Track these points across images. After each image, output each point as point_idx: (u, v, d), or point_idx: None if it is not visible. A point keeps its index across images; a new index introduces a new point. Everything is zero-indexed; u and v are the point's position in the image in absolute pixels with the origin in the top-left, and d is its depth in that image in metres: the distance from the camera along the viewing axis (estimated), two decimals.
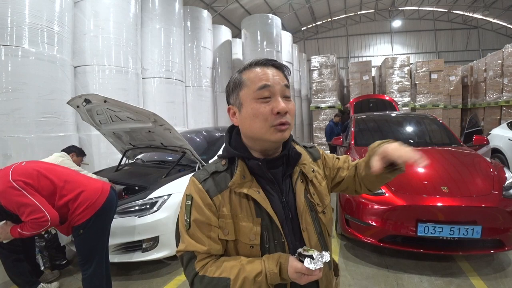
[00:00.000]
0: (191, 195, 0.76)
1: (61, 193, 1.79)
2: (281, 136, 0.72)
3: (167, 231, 2.49)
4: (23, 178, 1.67)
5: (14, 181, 1.63)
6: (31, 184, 1.69)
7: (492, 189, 2.39)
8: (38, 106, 3.61)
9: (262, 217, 0.73)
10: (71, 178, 1.89)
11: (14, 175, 1.67)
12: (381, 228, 2.38)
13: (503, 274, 2.34)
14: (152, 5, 5.97)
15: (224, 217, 0.74)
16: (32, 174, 1.73)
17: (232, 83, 0.78)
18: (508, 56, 7.30)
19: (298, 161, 0.81)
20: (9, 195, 1.62)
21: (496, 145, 4.79)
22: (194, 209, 0.74)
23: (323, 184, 0.86)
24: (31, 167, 1.78)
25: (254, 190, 0.74)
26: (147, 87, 5.82)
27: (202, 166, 2.97)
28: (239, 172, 0.74)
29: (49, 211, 1.66)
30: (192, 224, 0.74)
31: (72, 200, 1.81)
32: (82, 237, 1.84)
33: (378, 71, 11.40)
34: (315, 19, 17.80)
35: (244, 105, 0.74)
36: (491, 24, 17.15)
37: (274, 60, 0.77)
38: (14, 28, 3.45)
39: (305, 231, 0.77)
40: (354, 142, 3.68)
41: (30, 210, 1.61)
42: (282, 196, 0.77)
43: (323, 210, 0.83)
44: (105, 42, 4.58)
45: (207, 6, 11.42)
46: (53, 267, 2.63)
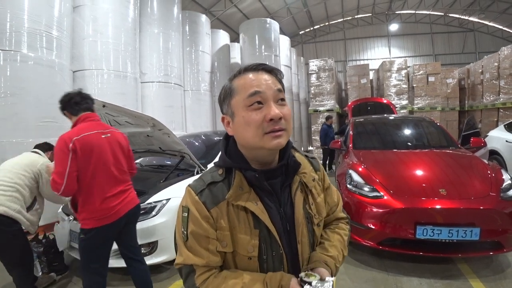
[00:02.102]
0: (187, 206, 0.73)
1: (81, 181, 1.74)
2: (277, 143, 0.68)
3: (166, 236, 2.48)
4: (79, 147, 1.69)
5: (71, 142, 1.67)
6: (78, 156, 1.69)
7: (490, 191, 2.40)
8: (37, 111, 3.61)
9: (260, 229, 0.72)
10: (100, 179, 1.78)
11: (75, 141, 1.69)
12: (380, 231, 2.38)
13: (502, 276, 2.34)
14: (151, 9, 6.01)
15: (222, 229, 0.72)
16: (87, 150, 1.73)
17: (223, 92, 0.75)
18: (504, 59, 7.36)
19: (298, 170, 0.78)
20: (57, 150, 1.70)
21: (493, 147, 4.81)
22: (191, 221, 0.72)
23: (321, 196, 0.84)
24: (94, 143, 1.76)
25: (252, 202, 0.71)
26: (145, 91, 5.84)
27: (201, 170, 2.97)
28: (236, 184, 0.72)
29: (68, 184, 1.65)
30: (190, 237, 0.72)
31: (82, 199, 1.76)
32: (81, 242, 1.80)
33: (375, 74, 11.47)
34: (313, 23, 17.93)
35: (236, 114, 0.71)
36: (487, 27, 17.34)
37: (265, 64, 0.74)
38: (13, 33, 3.46)
39: (300, 243, 0.75)
40: (352, 145, 3.69)
41: (58, 170, 1.66)
42: (281, 207, 0.75)
43: (319, 223, 0.81)
44: (104, 47, 4.60)
45: (205, 11, 11.49)
46: (51, 272, 2.62)
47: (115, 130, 1.98)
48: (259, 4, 13.37)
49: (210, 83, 8.05)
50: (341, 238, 0.84)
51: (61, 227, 2.51)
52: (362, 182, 2.68)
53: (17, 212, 2.05)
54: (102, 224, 1.75)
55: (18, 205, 2.07)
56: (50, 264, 2.60)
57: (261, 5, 13.51)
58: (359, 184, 2.68)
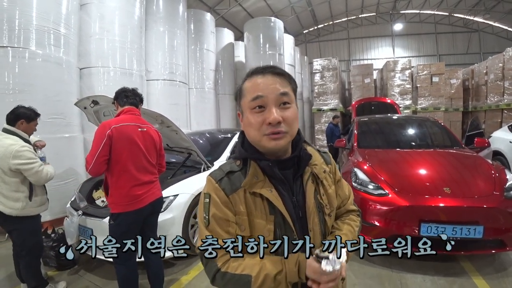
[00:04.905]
0: (209, 193, 0.79)
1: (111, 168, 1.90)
2: (275, 144, 0.74)
3: (173, 232, 2.52)
4: (116, 135, 1.86)
5: (109, 129, 1.85)
6: (113, 142, 1.85)
7: (494, 190, 2.42)
8: (44, 107, 3.62)
9: (275, 215, 0.77)
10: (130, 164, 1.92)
11: (113, 128, 1.86)
12: (384, 228, 2.41)
13: (505, 274, 2.37)
14: (157, 8, 6.05)
15: (241, 214, 0.77)
16: (123, 138, 1.89)
17: (237, 91, 0.83)
18: (509, 60, 7.34)
19: (309, 162, 0.83)
20: (96, 133, 1.87)
21: (497, 148, 4.81)
22: (213, 205, 0.77)
23: (332, 187, 0.88)
24: (130, 134, 1.92)
25: (267, 189, 0.77)
26: (151, 89, 5.88)
27: (207, 167, 3.00)
28: (251, 173, 0.78)
29: (96, 164, 1.81)
30: (211, 220, 0.77)
31: (113, 183, 1.91)
32: (110, 228, 1.92)
33: (379, 74, 11.45)
34: (317, 22, 17.89)
35: (244, 113, 0.79)
36: (492, 27, 17.21)
37: (273, 67, 0.78)
38: (22, 30, 3.49)
39: (312, 231, 0.79)
40: (357, 144, 3.71)
41: (92, 151, 1.84)
42: (293, 196, 0.80)
43: (330, 213, 0.85)
44: (110, 45, 4.64)
45: (210, 9, 11.51)
46: (59, 266, 2.67)
47: (151, 127, 2.13)
48: (263, 2, 13.36)
49: (214, 81, 8.09)
50: (351, 228, 0.88)
51: (70, 221, 2.56)
52: (367, 180, 2.70)
53: (22, 209, 2.09)
54: (128, 210, 1.89)
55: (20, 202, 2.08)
56: (59, 259, 2.66)
57: (266, 3, 13.50)
58: (364, 182, 2.70)
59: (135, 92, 2.12)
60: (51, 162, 2.43)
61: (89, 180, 3.24)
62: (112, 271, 2.32)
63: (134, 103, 2.09)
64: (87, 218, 2.55)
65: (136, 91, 2.14)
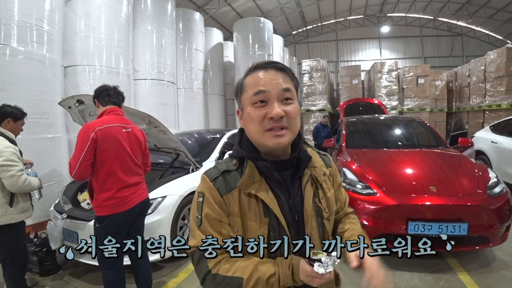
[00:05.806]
0: (202, 192, 0.76)
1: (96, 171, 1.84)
2: (277, 141, 0.71)
3: (161, 234, 2.47)
4: (100, 137, 1.79)
5: (93, 132, 1.78)
6: (98, 145, 1.78)
7: (477, 188, 2.50)
8: (27, 107, 3.42)
9: (269, 218, 0.74)
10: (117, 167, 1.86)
11: (97, 131, 1.80)
12: (373, 227, 2.44)
13: (488, 269, 2.44)
14: (144, 6, 5.95)
15: (234, 215, 0.74)
16: (108, 141, 1.83)
17: (237, 87, 0.79)
18: (490, 63, 7.59)
19: (308, 164, 0.80)
20: (79, 136, 1.80)
21: (480, 147, 4.97)
22: (206, 205, 0.75)
23: (331, 191, 0.85)
24: (115, 135, 1.86)
25: (263, 191, 0.74)
26: (138, 88, 5.77)
27: (196, 168, 2.97)
28: (247, 173, 0.75)
29: (80, 169, 1.74)
30: (204, 220, 0.75)
31: (99, 187, 1.84)
32: (96, 231, 1.85)
33: (367, 75, 11.64)
34: (306, 24, 18.04)
35: (244, 109, 0.76)
36: (474, 31, 17.84)
37: (276, 62, 0.76)
38: (2, 26, 3.36)
39: (309, 235, 0.76)
40: (345, 144, 3.75)
41: (75, 154, 1.77)
42: (290, 199, 0.77)
43: (329, 217, 0.82)
44: (96, 43, 4.52)
45: (199, 9, 11.42)
46: (43, 272, 2.57)
47: (136, 126, 2.06)
48: (252, 3, 13.36)
49: (203, 81, 8.02)
50: (356, 226, 0.89)
51: (54, 225, 2.47)
52: (355, 179, 2.73)
53: (2, 216, 1.98)
54: (115, 212, 1.83)
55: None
56: (42, 264, 2.56)
57: (255, 4, 13.51)
58: (352, 181, 2.73)
59: (117, 91, 2.04)
60: (35, 163, 2.33)
61: (73, 182, 3.14)
62: (98, 276, 2.25)
63: (116, 102, 2.02)
64: (72, 221, 2.47)
65: (118, 89, 2.05)
